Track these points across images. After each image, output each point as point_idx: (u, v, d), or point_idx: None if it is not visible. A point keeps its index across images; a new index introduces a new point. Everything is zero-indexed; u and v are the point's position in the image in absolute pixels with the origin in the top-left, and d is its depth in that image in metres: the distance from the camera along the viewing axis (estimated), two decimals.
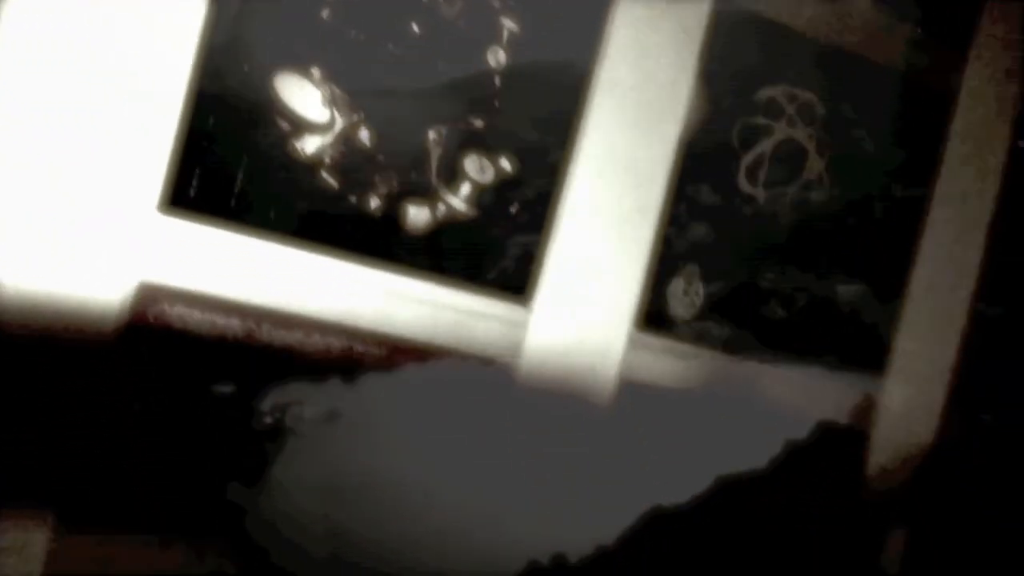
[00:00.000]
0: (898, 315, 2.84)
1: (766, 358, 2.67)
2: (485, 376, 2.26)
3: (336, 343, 2.17)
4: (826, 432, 2.67)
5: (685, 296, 2.58)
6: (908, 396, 2.83)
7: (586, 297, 2.41)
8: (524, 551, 2.21)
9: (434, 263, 2.26)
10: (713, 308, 2.62)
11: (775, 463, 2.56)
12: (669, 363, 2.55)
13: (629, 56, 2.38)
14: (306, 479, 2.06)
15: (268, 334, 2.11)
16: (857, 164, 2.75)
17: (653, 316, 2.53)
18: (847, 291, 2.79)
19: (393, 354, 2.22)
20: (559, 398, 2.34)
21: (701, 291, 2.60)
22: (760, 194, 2.63)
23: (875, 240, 2.80)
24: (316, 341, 2.15)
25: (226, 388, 2.08)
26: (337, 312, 2.16)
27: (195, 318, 2.04)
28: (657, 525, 2.37)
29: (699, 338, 2.59)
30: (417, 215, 2.24)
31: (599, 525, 2.32)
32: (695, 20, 2.47)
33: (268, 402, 2.10)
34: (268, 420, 2.09)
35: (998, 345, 3.00)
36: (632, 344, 2.48)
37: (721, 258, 2.61)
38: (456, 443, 2.17)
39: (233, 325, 2.07)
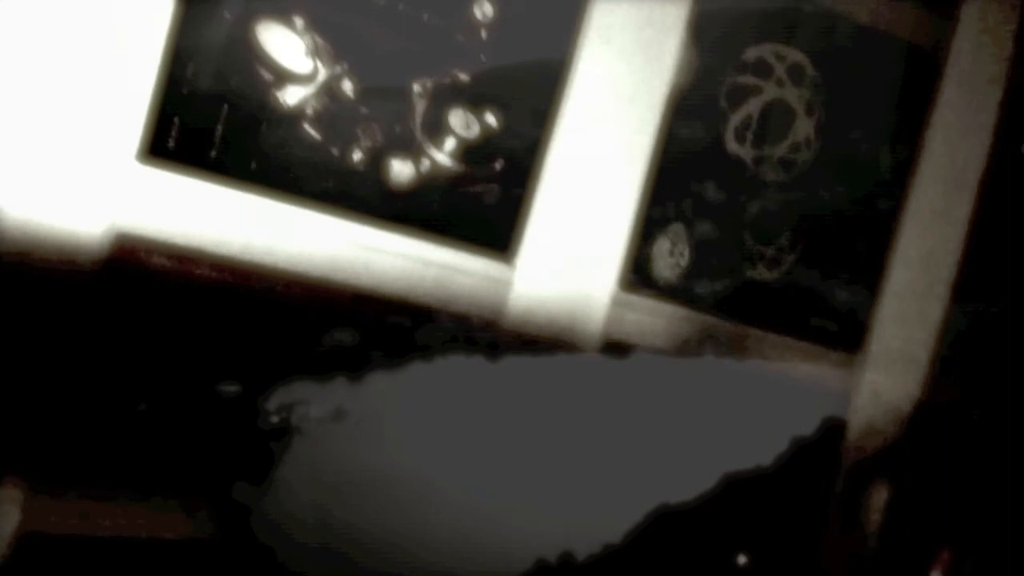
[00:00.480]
0: (882, 280, 2.83)
1: (750, 321, 2.67)
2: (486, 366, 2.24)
3: (317, 298, 2.14)
4: (807, 394, 2.67)
5: (670, 256, 2.56)
6: (889, 362, 2.84)
7: (570, 256, 2.39)
8: (532, 546, 2.20)
9: (417, 218, 2.23)
10: (698, 269, 2.61)
11: (757, 426, 2.56)
12: (653, 324, 2.54)
13: (618, 13, 2.35)
14: (306, 474, 2.05)
15: (246, 287, 2.08)
16: (845, 127, 2.73)
17: (638, 276, 2.52)
18: (833, 255, 2.78)
19: (375, 309, 2.20)
20: (543, 356, 2.33)
21: (687, 252, 2.58)
22: (747, 154, 2.61)
23: (861, 204, 2.80)
24: (296, 295, 2.12)
25: (232, 387, 2.06)
26: (318, 266, 2.13)
27: (172, 268, 2.01)
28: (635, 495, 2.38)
29: (683, 299, 2.58)
30: (401, 169, 2.21)
31: (595, 504, 2.31)
32: None
33: (274, 401, 2.07)
34: (275, 419, 2.06)
35: (981, 315, 3.01)
36: (616, 304, 2.46)
37: (707, 219, 2.60)
38: (462, 438, 2.15)
39: (211, 276, 2.05)
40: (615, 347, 2.47)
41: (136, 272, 1.98)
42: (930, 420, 2.83)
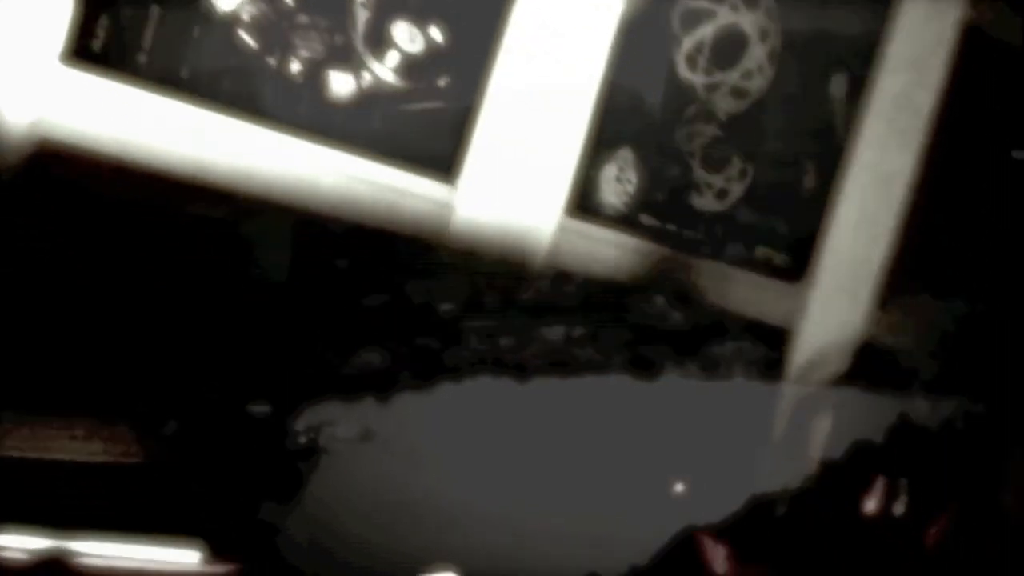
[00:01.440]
0: (830, 212, 2.82)
1: (696, 250, 2.65)
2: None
3: (249, 213, 2.08)
4: (751, 326, 2.68)
5: (617, 183, 2.52)
6: (835, 295, 2.84)
7: (515, 179, 2.34)
8: (561, 566, 2.18)
9: (356, 135, 2.17)
10: (645, 196, 2.57)
11: (702, 354, 2.56)
12: (599, 251, 2.51)
13: None
14: (334, 494, 2.02)
15: (173, 199, 2.00)
16: (799, 55, 2.68)
17: (584, 202, 2.48)
18: (782, 186, 2.76)
19: (310, 228, 2.14)
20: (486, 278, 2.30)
21: (634, 178, 2.54)
22: (699, 80, 2.57)
23: (812, 134, 2.77)
24: (226, 210, 2.05)
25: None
26: (252, 181, 2.06)
27: (97, 176, 1.93)
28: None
29: (630, 227, 2.55)
30: (340, 83, 2.14)
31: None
32: None
33: (303, 422, 2.03)
34: (303, 440, 2.03)
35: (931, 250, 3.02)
36: (562, 230, 2.42)
37: (656, 144, 2.55)
38: (489, 459, 2.14)
39: (136, 186, 1.97)
40: (560, 274, 2.44)
41: (58, 179, 1.90)
42: (873, 352, 2.84)
